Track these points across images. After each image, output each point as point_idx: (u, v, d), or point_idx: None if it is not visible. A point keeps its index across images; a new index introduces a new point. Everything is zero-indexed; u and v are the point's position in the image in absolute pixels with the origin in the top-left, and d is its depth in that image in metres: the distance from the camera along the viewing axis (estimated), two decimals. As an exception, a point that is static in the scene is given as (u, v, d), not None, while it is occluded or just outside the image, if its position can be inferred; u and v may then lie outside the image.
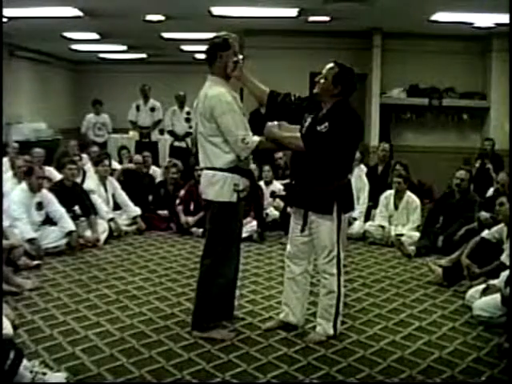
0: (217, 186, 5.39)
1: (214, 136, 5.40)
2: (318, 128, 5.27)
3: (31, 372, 4.31)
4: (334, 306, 5.45)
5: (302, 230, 5.50)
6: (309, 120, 5.51)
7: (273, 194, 10.29)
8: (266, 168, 10.80)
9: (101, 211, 9.51)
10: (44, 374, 4.36)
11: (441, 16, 10.81)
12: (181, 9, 10.78)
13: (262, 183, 10.62)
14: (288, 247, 5.71)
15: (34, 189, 8.43)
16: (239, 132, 5.38)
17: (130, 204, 10.09)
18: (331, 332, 5.50)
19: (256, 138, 5.49)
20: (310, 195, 5.40)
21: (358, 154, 10.35)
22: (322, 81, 5.66)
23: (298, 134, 5.47)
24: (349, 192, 5.61)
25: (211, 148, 5.42)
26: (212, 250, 5.53)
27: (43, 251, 8.18)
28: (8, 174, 9.86)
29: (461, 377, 4.79)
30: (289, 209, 6.04)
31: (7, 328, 4.45)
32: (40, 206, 8.48)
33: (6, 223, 8.05)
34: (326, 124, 5.27)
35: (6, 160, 11.03)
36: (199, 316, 5.54)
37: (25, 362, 4.25)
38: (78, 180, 9.85)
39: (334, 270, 5.38)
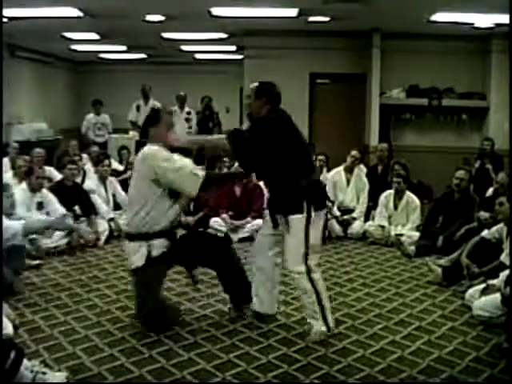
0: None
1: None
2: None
3: (31, 372, 4.31)
4: (315, 303, 5.51)
5: (274, 227, 5.72)
6: None
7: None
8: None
9: (101, 211, 9.53)
10: (44, 373, 4.36)
11: (440, 16, 10.81)
12: (181, 9, 10.79)
13: (261, 183, 10.63)
14: (256, 239, 6.00)
15: (35, 189, 8.45)
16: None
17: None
18: (324, 329, 5.54)
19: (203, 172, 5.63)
20: (278, 198, 5.64)
21: (357, 154, 10.40)
22: (249, 100, 5.84)
23: (223, 136, 5.81)
24: (318, 190, 5.69)
25: None
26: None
27: (44, 251, 8.19)
28: (8, 174, 9.87)
29: (460, 376, 4.79)
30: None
31: (8, 328, 4.46)
32: (40, 205, 8.49)
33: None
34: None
35: (6, 160, 11.05)
36: None
37: (25, 361, 4.25)
38: (78, 180, 9.87)
39: (302, 268, 5.45)
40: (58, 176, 9.89)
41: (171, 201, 5.65)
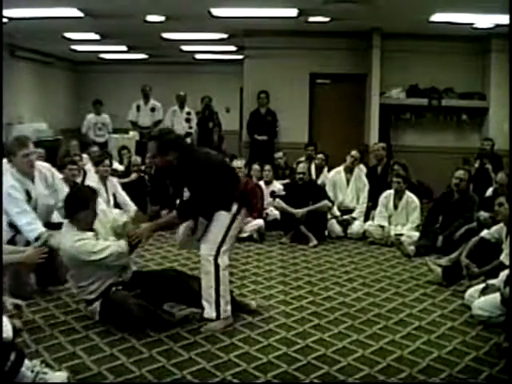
0: None
1: None
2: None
3: (32, 371, 4.32)
4: (212, 287, 5.70)
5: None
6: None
7: (273, 194, 10.32)
8: (267, 167, 10.86)
9: (101, 211, 9.52)
10: (45, 373, 4.37)
11: (440, 17, 10.84)
12: (181, 9, 10.82)
13: (261, 183, 10.66)
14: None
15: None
16: None
17: (131, 204, 10.09)
18: (214, 315, 5.71)
19: None
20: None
21: (357, 154, 10.42)
22: (156, 160, 5.95)
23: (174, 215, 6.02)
24: (247, 194, 6.01)
25: None
26: None
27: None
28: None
29: (460, 376, 4.79)
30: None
31: (7, 332, 4.45)
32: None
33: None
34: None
35: (5, 160, 11.04)
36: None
37: (26, 361, 4.26)
38: (79, 180, 9.85)
39: (212, 253, 5.71)
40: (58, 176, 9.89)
41: None
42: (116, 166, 11.55)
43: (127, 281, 5.89)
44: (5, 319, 4.39)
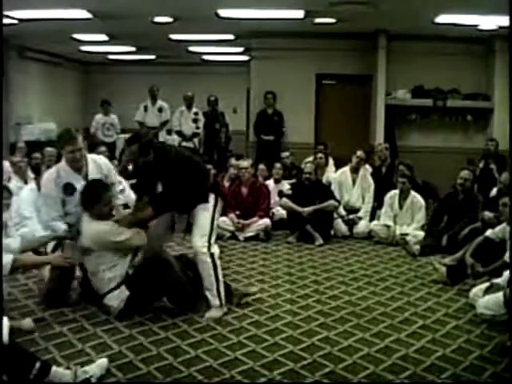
0: None
1: None
2: None
3: (69, 368, 4.52)
4: (212, 276, 6.06)
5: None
6: None
7: (280, 193, 10.36)
8: (278, 166, 10.95)
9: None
10: (84, 371, 4.55)
11: (445, 18, 10.85)
12: (188, 11, 10.85)
13: (270, 181, 10.73)
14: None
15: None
16: None
17: (132, 196, 10.11)
18: (217, 303, 6.05)
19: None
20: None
21: (363, 154, 10.45)
22: (139, 161, 6.14)
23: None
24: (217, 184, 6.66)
25: None
26: None
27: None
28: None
29: (464, 374, 4.82)
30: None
31: (4, 336, 4.46)
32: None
33: (15, 220, 8.17)
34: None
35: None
36: None
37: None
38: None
39: (205, 244, 6.03)
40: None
41: None
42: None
43: (137, 265, 6.06)
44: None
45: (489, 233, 7.18)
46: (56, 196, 6.19)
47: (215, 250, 6.12)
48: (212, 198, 6.17)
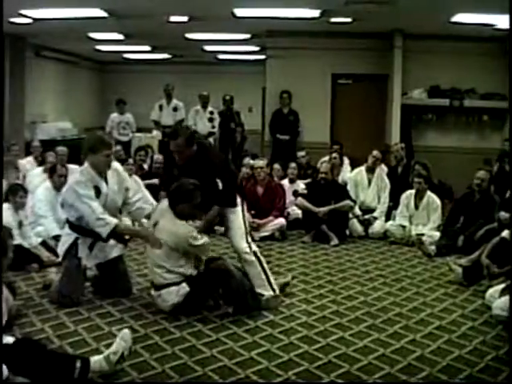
0: None
1: None
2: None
3: (105, 358, 4.56)
4: (261, 272, 6.37)
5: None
6: None
7: (295, 193, 10.35)
8: (292, 165, 10.95)
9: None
10: (114, 353, 4.63)
11: (461, 17, 10.80)
12: (204, 10, 10.86)
13: (286, 181, 10.72)
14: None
15: (58, 187, 8.53)
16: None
17: (154, 202, 10.13)
18: (271, 292, 6.32)
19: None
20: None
21: (379, 154, 10.43)
22: (186, 152, 6.42)
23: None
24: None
25: None
26: None
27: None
28: (35, 171, 10.04)
29: (480, 376, 4.80)
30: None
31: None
32: (65, 203, 8.56)
33: (31, 219, 8.21)
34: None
35: (30, 158, 11.21)
36: None
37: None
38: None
39: (245, 244, 6.38)
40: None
41: None
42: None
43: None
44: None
45: (505, 233, 7.13)
46: (92, 196, 6.24)
47: (254, 247, 6.47)
48: (239, 201, 6.49)
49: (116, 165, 6.69)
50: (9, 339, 4.32)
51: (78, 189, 6.15)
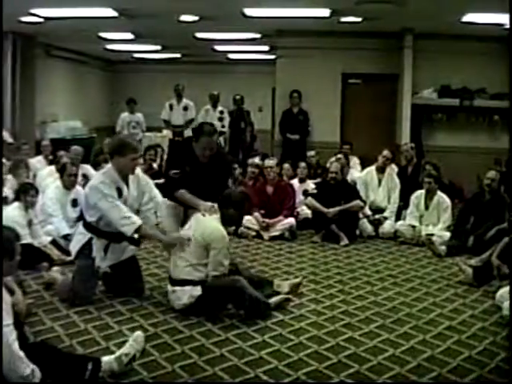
0: None
1: None
2: None
3: (116, 359, 4.59)
4: None
5: None
6: None
7: (305, 193, 10.34)
8: (302, 165, 10.95)
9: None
10: (126, 354, 4.65)
11: (472, 17, 10.77)
12: (214, 10, 10.86)
13: (295, 181, 10.72)
14: None
15: (68, 186, 8.56)
16: None
17: (161, 198, 10.13)
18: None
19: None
20: None
21: (389, 154, 10.41)
22: (209, 152, 6.75)
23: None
24: None
25: None
26: None
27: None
28: (45, 170, 10.07)
29: (490, 376, 4.78)
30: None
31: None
32: (75, 202, 8.57)
33: (40, 218, 8.23)
34: None
35: (41, 157, 11.24)
36: None
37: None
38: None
39: None
40: (93, 173, 9.98)
41: None
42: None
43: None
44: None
45: (516, 234, 7.13)
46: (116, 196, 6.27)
47: None
48: None
49: (138, 170, 6.70)
50: None
51: (103, 188, 6.13)
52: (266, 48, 16.00)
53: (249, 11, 10.85)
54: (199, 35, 13.96)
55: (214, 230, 6.07)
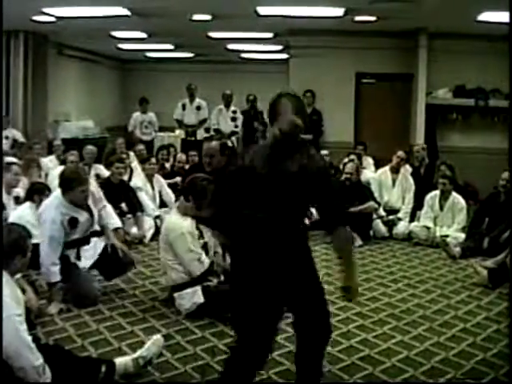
0: None
1: None
2: None
3: (133, 360, 4.60)
4: None
5: None
6: None
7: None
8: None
9: (147, 208, 9.56)
10: (144, 357, 4.67)
11: (487, 16, 10.68)
12: (227, 8, 10.83)
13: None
14: None
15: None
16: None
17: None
18: None
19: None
20: None
21: (403, 154, 10.37)
22: (209, 160, 6.64)
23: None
24: None
25: None
26: None
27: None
28: (56, 170, 10.04)
29: (505, 379, 4.76)
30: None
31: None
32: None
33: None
34: None
35: (53, 157, 11.26)
36: None
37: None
38: (126, 177, 9.95)
39: None
40: (106, 173, 9.98)
41: None
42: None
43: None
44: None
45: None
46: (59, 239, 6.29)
47: None
48: None
49: (91, 188, 6.72)
50: None
51: (50, 227, 6.19)
52: (279, 47, 15.95)
53: (262, 10, 10.80)
54: (212, 34, 13.93)
55: (168, 223, 6.14)
